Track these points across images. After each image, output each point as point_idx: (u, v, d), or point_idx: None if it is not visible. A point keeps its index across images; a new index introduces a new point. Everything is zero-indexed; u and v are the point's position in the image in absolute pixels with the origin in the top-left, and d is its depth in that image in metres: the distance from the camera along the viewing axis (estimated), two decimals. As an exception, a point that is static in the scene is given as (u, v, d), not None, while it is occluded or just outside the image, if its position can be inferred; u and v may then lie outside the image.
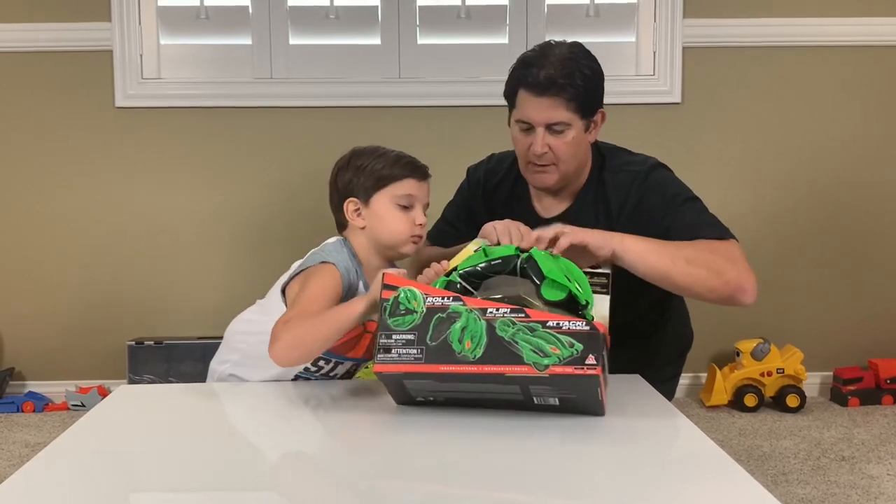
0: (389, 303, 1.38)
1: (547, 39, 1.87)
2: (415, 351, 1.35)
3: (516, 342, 1.34)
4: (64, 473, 1.22)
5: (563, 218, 1.91)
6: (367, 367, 3.22)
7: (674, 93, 3.32)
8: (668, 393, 1.98)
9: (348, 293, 1.71)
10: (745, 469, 1.17)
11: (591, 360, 1.32)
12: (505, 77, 1.96)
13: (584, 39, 3.30)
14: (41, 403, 3.28)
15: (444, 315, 1.36)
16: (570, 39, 1.88)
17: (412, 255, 1.89)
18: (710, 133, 3.36)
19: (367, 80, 3.32)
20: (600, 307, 1.51)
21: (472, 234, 1.95)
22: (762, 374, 3.20)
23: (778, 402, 3.20)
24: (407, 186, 1.76)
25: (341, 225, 1.83)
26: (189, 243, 3.36)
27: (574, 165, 1.85)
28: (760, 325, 3.36)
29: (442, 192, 2.11)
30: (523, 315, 1.35)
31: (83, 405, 3.23)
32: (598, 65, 1.84)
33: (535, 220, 1.92)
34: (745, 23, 3.31)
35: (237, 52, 3.34)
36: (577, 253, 1.58)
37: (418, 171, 1.78)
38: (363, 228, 1.78)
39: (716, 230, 1.81)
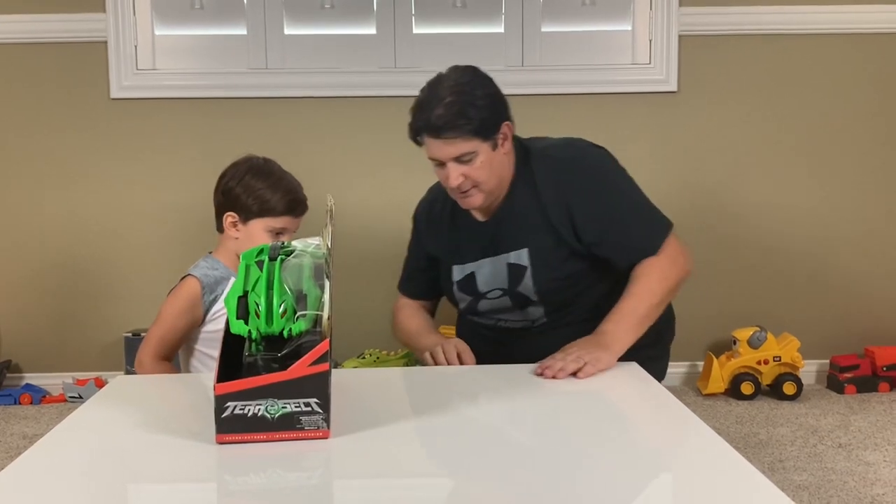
0: None
1: (437, 73, 1.89)
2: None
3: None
4: (60, 464, 1.22)
5: (499, 215, 1.92)
6: (362, 358, 3.24)
7: (670, 81, 3.32)
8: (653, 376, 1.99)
9: (218, 291, 1.97)
10: (742, 456, 1.17)
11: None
12: (500, 67, 1.98)
13: (579, 28, 3.36)
14: (38, 395, 3.28)
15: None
16: (464, 63, 1.94)
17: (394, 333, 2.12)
18: (707, 122, 3.36)
19: (363, 69, 3.31)
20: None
21: (437, 274, 2.06)
22: (759, 362, 3.20)
23: (774, 390, 3.21)
24: (283, 221, 1.96)
25: (219, 223, 2.03)
26: (185, 234, 3.35)
27: (496, 180, 1.88)
28: (757, 314, 3.36)
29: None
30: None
31: (80, 397, 3.23)
32: (492, 86, 1.86)
33: (475, 227, 1.96)
34: (741, 10, 3.30)
35: (232, 43, 3.33)
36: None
37: (297, 209, 1.99)
38: (236, 239, 1.98)
39: (654, 234, 1.89)
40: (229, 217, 1.98)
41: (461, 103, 1.78)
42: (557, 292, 1.91)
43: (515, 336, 1.98)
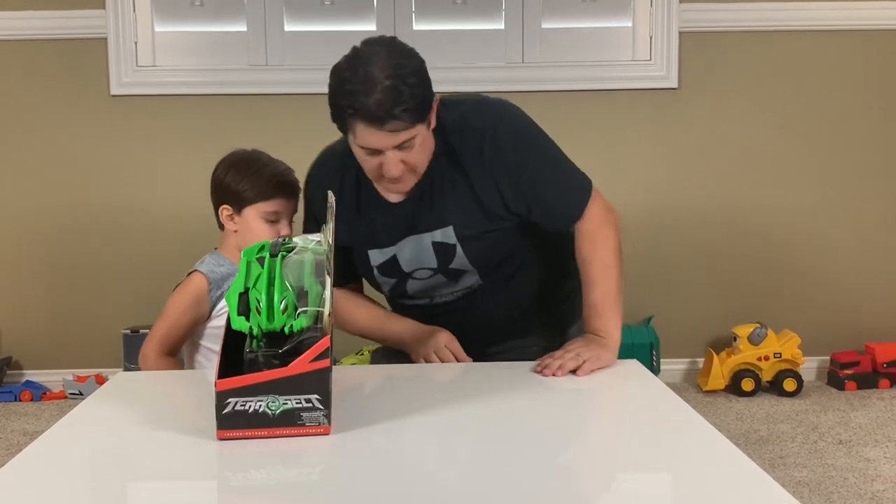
0: None
1: (357, 45, 1.69)
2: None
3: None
4: (61, 461, 1.22)
5: (416, 195, 1.80)
6: (361, 354, 3.24)
7: (670, 78, 3.31)
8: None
9: (224, 287, 1.96)
10: (743, 453, 1.17)
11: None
12: (500, 63, 1.88)
13: (579, 24, 3.36)
14: (39, 392, 3.28)
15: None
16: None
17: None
18: (707, 118, 3.36)
19: (363, 66, 3.30)
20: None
21: (351, 258, 1.91)
22: (759, 359, 3.21)
23: (775, 387, 3.21)
24: (275, 205, 1.96)
25: (218, 220, 2.03)
26: (184, 230, 3.35)
27: (426, 161, 1.76)
28: (757, 310, 3.36)
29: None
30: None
31: (81, 394, 3.23)
32: (417, 59, 1.69)
33: (389, 208, 1.83)
34: (742, 7, 3.30)
35: (232, 39, 3.32)
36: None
37: (288, 191, 1.99)
38: (235, 232, 1.99)
39: (579, 198, 1.84)
40: (224, 210, 1.99)
41: (399, 87, 1.60)
42: (491, 257, 1.85)
43: (453, 309, 1.89)
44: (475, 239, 1.82)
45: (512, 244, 1.88)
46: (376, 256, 1.87)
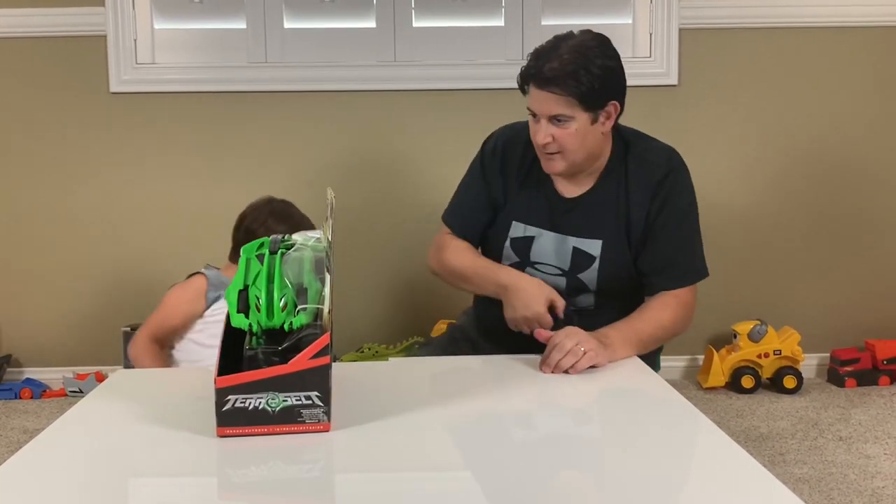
0: None
1: (569, 30, 1.84)
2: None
3: None
4: (61, 458, 1.22)
5: (584, 199, 1.91)
6: (360, 352, 3.24)
7: (670, 75, 3.31)
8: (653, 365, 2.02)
9: (221, 291, 2.09)
10: (744, 450, 1.17)
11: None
12: (500, 60, 1.94)
13: (580, 21, 3.35)
14: (39, 390, 3.28)
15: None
16: (591, 29, 1.85)
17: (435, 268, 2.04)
18: (707, 115, 3.35)
19: (363, 63, 3.30)
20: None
21: (491, 219, 1.98)
22: (759, 356, 3.20)
23: (775, 384, 3.21)
24: None
25: (234, 255, 2.17)
26: (183, 229, 3.35)
27: (583, 155, 1.85)
28: (758, 307, 3.36)
29: (438, 175, 2.11)
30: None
31: (81, 391, 3.23)
32: (615, 61, 1.81)
33: (553, 197, 1.93)
34: (742, 3, 3.29)
35: (232, 36, 3.32)
36: None
37: None
38: None
39: (686, 277, 1.94)
40: None
41: (576, 64, 1.74)
42: (614, 286, 1.93)
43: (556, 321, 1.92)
44: (614, 263, 1.90)
45: (633, 281, 1.94)
46: (517, 230, 1.95)
